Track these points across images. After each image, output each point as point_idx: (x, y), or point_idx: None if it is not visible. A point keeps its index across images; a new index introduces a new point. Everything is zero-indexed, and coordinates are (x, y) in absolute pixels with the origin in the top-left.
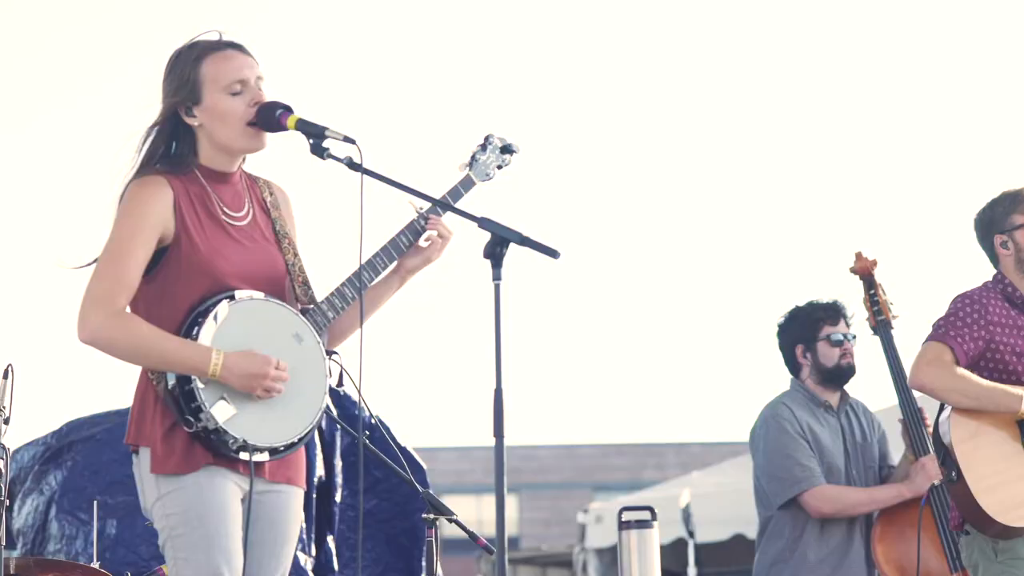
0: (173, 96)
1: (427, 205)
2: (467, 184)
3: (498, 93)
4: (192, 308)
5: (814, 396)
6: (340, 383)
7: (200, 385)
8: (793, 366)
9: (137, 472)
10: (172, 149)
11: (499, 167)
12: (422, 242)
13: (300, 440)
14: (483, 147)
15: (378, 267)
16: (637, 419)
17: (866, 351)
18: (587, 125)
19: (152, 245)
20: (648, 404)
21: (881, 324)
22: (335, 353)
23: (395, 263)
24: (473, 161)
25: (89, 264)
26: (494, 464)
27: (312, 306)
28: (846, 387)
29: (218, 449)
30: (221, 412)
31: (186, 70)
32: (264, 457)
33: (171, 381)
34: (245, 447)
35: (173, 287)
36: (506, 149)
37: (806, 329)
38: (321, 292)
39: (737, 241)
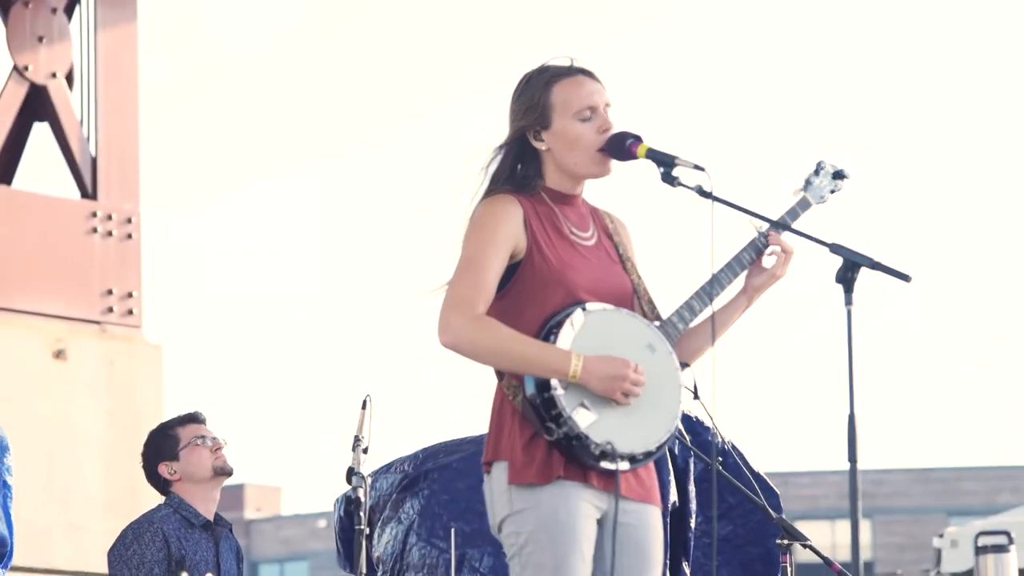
0: (522, 119)
1: (767, 224)
2: (804, 205)
3: (835, 111)
4: (546, 320)
5: None
6: (696, 394)
7: (560, 391)
8: None
9: (488, 488)
10: (517, 171)
11: (832, 192)
12: (765, 260)
13: (658, 449)
14: (816, 172)
15: (723, 283)
16: (992, 441)
17: None
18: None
19: (505, 258)
20: (1003, 426)
21: None
22: (687, 365)
23: (742, 284)
24: (807, 185)
25: (441, 287)
26: (848, 489)
27: (659, 322)
28: None
29: (579, 457)
30: (582, 418)
31: (536, 94)
32: (624, 466)
33: (529, 390)
34: (607, 452)
35: (526, 301)
36: (838, 175)
37: None
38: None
39: None
